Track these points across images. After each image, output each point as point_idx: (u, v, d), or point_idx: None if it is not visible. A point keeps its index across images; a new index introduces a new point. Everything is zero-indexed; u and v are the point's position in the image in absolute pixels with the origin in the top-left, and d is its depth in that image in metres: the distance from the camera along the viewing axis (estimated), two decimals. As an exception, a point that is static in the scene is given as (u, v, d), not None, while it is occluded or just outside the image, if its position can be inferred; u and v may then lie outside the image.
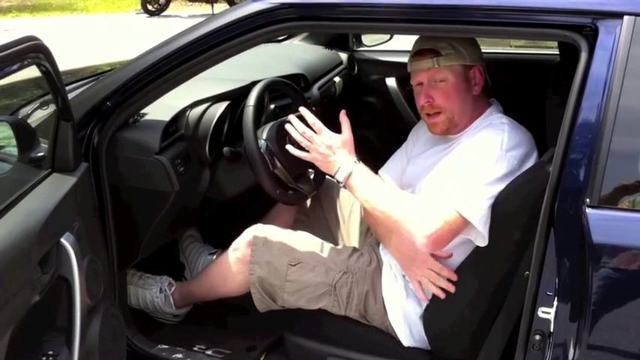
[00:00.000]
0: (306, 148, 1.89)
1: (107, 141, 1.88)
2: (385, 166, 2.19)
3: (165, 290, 2.24)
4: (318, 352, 1.99)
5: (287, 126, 1.93)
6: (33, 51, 1.44)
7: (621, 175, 1.42)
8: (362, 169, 1.83)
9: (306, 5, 1.75)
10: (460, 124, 1.91)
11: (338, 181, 1.85)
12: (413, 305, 1.91)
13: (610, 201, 1.41)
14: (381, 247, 2.07)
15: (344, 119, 1.91)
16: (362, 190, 1.82)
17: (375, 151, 2.37)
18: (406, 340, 1.92)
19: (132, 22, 12.12)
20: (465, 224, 1.68)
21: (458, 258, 1.83)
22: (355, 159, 1.85)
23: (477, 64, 1.89)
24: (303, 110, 1.93)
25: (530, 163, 1.74)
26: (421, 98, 1.90)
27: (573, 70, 1.48)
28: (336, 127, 2.38)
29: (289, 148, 1.92)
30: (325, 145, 1.87)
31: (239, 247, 2.10)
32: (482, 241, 1.71)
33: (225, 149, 2.13)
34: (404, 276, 1.94)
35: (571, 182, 1.45)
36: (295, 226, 2.35)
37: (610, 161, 1.40)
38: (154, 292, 2.25)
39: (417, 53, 1.90)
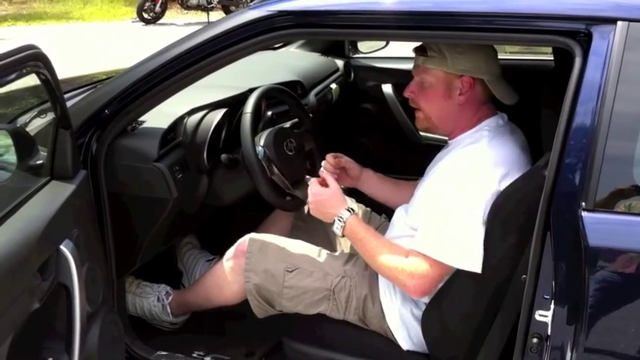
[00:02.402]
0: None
1: (105, 149, 1.88)
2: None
3: (163, 299, 2.25)
4: (317, 358, 1.99)
5: None
6: (32, 59, 1.44)
7: (616, 178, 1.44)
8: (352, 223, 1.89)
9: (302, 13, 1.76)
10: (443, 128, 1.93)
11: (340, 223, 1.90)
12: (410, 308, 1.92)
13: (605, 204, 1.43)
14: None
15: (324, 174, 1.98)
16: (354, 242, 1.91)
17: (371, 157, 2.38)
18: (404, 344, 1.93)
19: (128, 31, 12.11)
20: (452, 267, 1.76)
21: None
22: (347, 209, 1.90)
23: (468, 75, 1.82)
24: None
25: (506, 182, 1.71)
26: (406, 90, 1.94)
27: (568, 75, 1.50)
28: (333, 134, 2.39)
29: None
30: (317, 201, 1.93)
31: (233, 257, 2.10)
32: (479, 270, 1.73)
33: (223, 156, 2.15)
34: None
35: (566, 186, 1.46)
36: (293, 232, 2.36)
37: (605, 165, 1.41)
38: (151, 301, 2.25)
39: (415, 48, 1.91)
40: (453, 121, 1.90)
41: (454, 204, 1.74)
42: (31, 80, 1.52)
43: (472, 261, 1.72)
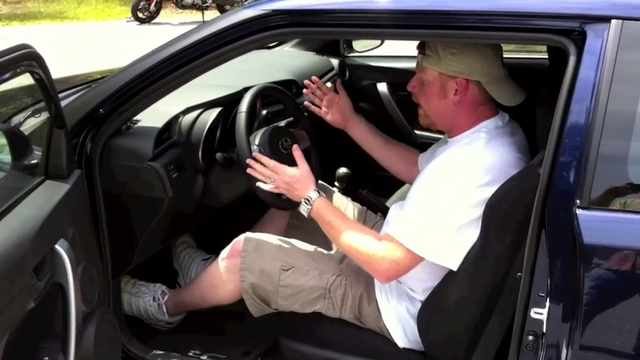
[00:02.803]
0: (274, 183, 1.95)
1: (100, 148, 1.88)
2: (425, 153, 2.23)
3: (159, 299, 2.24)
4: (314, 356, 2.00)
5: (248, 170, 1.96)
6: (26, 59, 1.44)
7: (611, 176, 1.44)
8: (320, 205, 1.90)
9: (297, 12, 1.76)
10: (442, 126, 1.93)
11: (307, 204, 1.91)
12: (406, 306, 1.92)
13: (600, 202, 1.43)
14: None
15: (297, 153, 1.98)
16: (322, 225, 1.92)
17: (366, 155, 2.38)
18: (400, 341, 1.93)
19: (122, 30, 12.10)
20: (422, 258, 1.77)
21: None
22: (315, 190, 1.91)
23: (461, 77, 1.81)
24: (257, 155, 1.97)
25: (492, 189, 1.70)
26: (409, 84, 1.95)
27: (563, 73, 1.50)
28: (328, 133, 2.39)
29: (260, 185, 1.96)
30: (284, 181, 1.93)
31: (228, 256, 2.10)
32: (452, 266, 1.76)
33: (218, 155, 2.14)
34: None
35: (561, 184, 1.46)
36: (289, 231, 2.36)
37: (599, 163, 1.41)
38: (147, 301, 2.25)
39: (418, 45, 1.90)
40: (451, 119, 1.89)
41: (436, 200, 1.75)
42: (26, 79, 1.52)
43: (446, 257, 1.75)
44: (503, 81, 1.86)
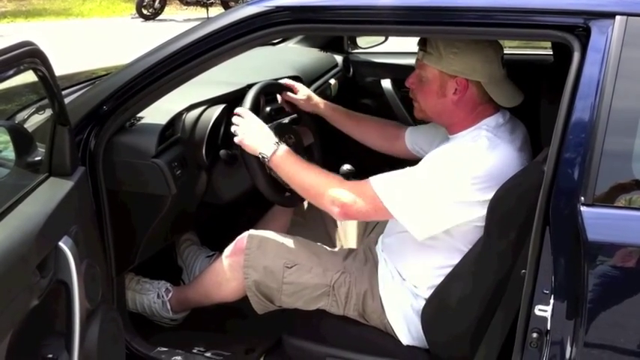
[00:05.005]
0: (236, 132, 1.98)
1: (104, 145, 1.88)
2: (419, 128, 2.26)
3: (163, 296, 2.25)
4: (317, 354, 2.00)
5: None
6: (29, 56, 1.44)
7: (615, 173, 1.43)
8: (285, 148, 1.93)
9: (300, 8, 1.76)
10: (438, 122, 1.95)
11: (263, 157, 1.92)
12: (410, 303, 1.92)
13: (604, 199, 1.42)
14: (377, 245, 2.08)
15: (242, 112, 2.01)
16: (287, 165, 1.92)
17: (370, 152, 2.38)
18: (405, 338, 1.93)
19: (127, 27, 12.11)
20: (383, 209, 1.78)
21: (454, 258, 1.84)
22: (277, 140, 1.93)
23: (462, 77, 1.80)
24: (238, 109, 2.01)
25: (484, 193, 1.71)
26: (408, 80, 1.95)
27: (567, 70, 1.49)
28: (331, 129, 2.39)
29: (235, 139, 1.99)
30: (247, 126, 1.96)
31: (232, 254, 2.10)
32: (418, 235, 1.78)
33: (222, 152, 2.14)
34: (400, 273, 1.95)
35: (565, 181, 1.45)
36: (292, 228, 2.36)
37: (604, 160, 1.41)
38: (151, 298, 2.25)
39: (419, 41, 1.89)
40: (448, 117, 1.89)
41: (425, 175, 1.76)
42: (30, 77, 1.52)
43: (412, 222, 1.76)
44: (502, 82, 1.85)
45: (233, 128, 1.98)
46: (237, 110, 2.01)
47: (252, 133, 1.95)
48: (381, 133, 2.34)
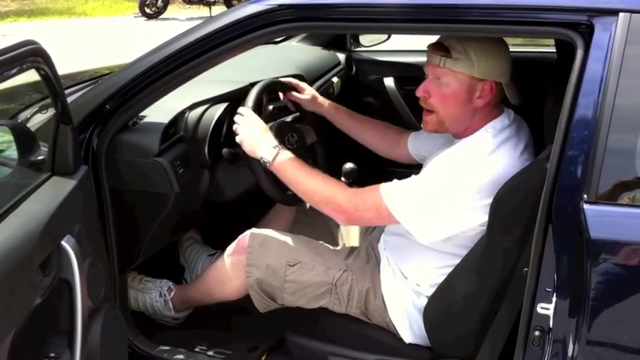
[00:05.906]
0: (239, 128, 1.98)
1: (107, 144, 1.88)
2: (421, 134, 2.24)
3: (165, 295, 2.25)
4: (320, 352, 2.00)
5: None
6: (32, 55, 1.44)
7: (618, 171, 1.43)
8: (286, 152, 1.92)
9: (303, 6, 1.76)
10: (454, 130, 1.88)
11: (265, 162, 1.92)
12: (413, 301, 1.92)
13: (607, 197, 1.42)
14: (379, 243, 2.08)
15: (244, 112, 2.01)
16: (288, 170, 1.91)
17: (372, 151, 2.38)
18: (407, 336, 1.93)
19: (130, 26, 12.11)
20: (388, 216, 1.79)
21: (456, 256, 1.84)
22: (276, 143, 1.93)
23: (490, 80, 1.77)
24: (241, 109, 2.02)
25: (483, 199, 1.71)
26: (419, 89, 1.87)
27: (571, 67, 1.49)
28: (334, 128, 2.39)
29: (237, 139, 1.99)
30: (249, 127, 1.96)
31: (234, 252, 2.10)
32: (423, 240, 1.79)
33: (225, 150, 2.14)
34: (402, 271, 1.95)
35: (568, 179, 1.45)
36: (295, 226, 2.36)
37: (607, 158, 1.40)
38: (153, 297, 2.25)
39: (433, 45, 1.83)
40: (466, 123, 1.84)
41: (432, 180, 1.76)
42: (33, 76, 1.52)
43: (422, 230, 1.76)
44: (511, 81, 1.85)
45: (235, 127, 1.98)
46: (240, 110, 2.00)
47: (252, 136, 1.95)
48: (383, 138, 2.33)
